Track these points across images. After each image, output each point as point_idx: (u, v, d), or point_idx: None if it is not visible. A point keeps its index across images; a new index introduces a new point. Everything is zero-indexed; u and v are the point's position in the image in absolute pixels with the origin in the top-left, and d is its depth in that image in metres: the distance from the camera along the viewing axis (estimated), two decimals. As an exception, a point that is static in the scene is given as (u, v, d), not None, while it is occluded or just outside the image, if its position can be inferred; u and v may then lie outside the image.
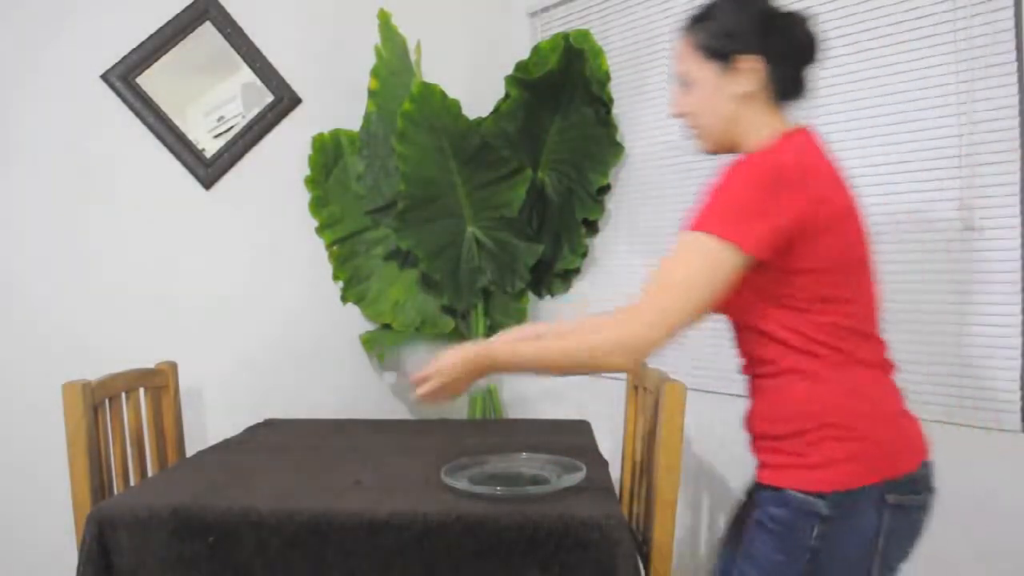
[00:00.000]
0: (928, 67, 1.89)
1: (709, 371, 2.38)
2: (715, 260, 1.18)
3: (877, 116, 1.98)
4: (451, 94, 2.45)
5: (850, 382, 1.23)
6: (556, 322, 1.38)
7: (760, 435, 1.31)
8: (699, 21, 1.32)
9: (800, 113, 2.13)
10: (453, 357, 1.36)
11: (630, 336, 1.22)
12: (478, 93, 2.74)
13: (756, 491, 1.32)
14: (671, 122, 2.48)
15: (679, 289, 1.20)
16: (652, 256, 2.57)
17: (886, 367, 1.30)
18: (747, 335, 1.31)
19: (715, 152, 1.38)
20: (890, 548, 1.21)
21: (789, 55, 1.30)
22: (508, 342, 1.40)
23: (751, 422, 1.34)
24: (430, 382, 1.37)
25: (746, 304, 1.27)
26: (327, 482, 1.57)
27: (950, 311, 1.87)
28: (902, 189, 1.95)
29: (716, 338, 2.31)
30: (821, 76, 2.08)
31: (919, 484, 1.24)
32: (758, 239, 1.17)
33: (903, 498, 1.21)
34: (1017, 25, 1.74)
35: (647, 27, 2.55)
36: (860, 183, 2.01)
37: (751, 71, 1.28)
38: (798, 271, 1.21)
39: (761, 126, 1.31)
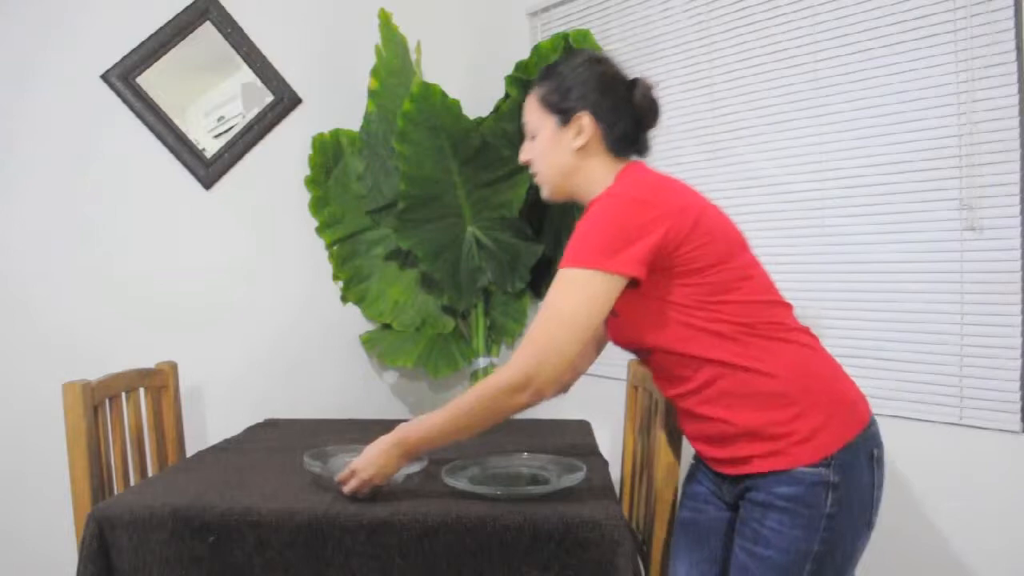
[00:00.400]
0: (928, 67, 1.89)
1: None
2: (593, 290, 1.27)
3: (877, 116, 1.98)
4: (451, 94, 2.45)
5: (795, 357, 1.30)
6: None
7: (730, 437, 1.33)
8: (545, 77, 1.43)
9: (800, 115, 2.14)
10: (370, 452, 1.42)
11: (520, 373, 1.29)
12: (478, 93, 2.74)
13: (731, 485, 1.38)
14: (668, 123, 2.48)
15: (565, 322, 1.27)
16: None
17: (803, 329, 1.36)
18: (677, 360, 1.34)
19: (554, 199, 1.48)
20: (878, 500, 1.29)
21: (623, 116, 1.40)
22: (417, 421, 1.42)
23: (714, 433, 1.36)
24: (354, 479, 1.43)
25: (674, 336, 1.32)
26: (328, 481, 1.56)
27: (950, 311, 1.87)
28: (902, 189, 1.95)
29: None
30: (820, 76, 2.08)
31: (879, 437, 1.32)
32: (629, 261, 1.25)
33: (879, 451, 1.30)
34: (1017, 25, 1.74)
35: (647, 27, 2.55)
36: (860, 184, 2.02)
37: (585, 127, 1.38)
38: (691, 273, 1.29)
39: (597, 177, 1.40)
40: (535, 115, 1.44)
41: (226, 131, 2.61)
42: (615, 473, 1.98)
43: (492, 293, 2.80)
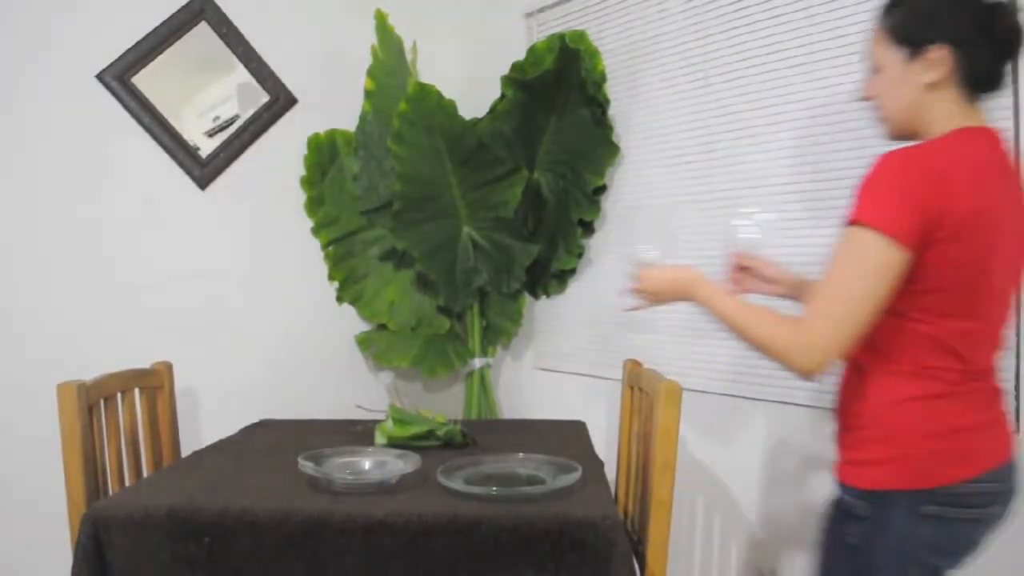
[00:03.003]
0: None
1: (705, 372, 2.38)
2: (885, 257, 1.17)
3: (874, 117, 1.98)
4: (447, 94, 2.46)
5: (910, 392, 1.24)
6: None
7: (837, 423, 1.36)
8: (893, 5, 1.30)
9: (798, 115, 2.14)
10: (663, 272, 1.49)
11: (822, 341, 1.20)
12: (474, 93, 2.74)
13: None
14: (668, 123, 2.49)
15: (860, 295, 1.19)
16: (649, 256, 2.57)
17: (976, 388, 1.27)
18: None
19: (897, 138, 1.34)
20: (928, 556, 1.23)
21: (985, 46, 1.24)
22: (717, 289, 1.39)
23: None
24: (640, 286, 1.52)
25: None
26: (323, 482, 1.57)
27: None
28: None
29: (713, 339, 2.32)
30: (819, 76, 2.09)
31: (966, 499, 1.22)
32: (908, 231, 1.16)
33: (943, 510, 1.21)
34: (1011, 27, 1.74)
35: (644, 28, 2.55)
36: (856, 184, 2.02)
37: (939, 61, 1.24)
38: (919, 280, 1.20)
39: (946, 118, 1.26)
40: (880, 48, 1.31)
41: (221, 131, 2.61)
42: (611, 473, 1.98)
43: (488, 294, 2.80)
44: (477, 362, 2.80)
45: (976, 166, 1.21)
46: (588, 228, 2.75)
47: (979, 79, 1.26)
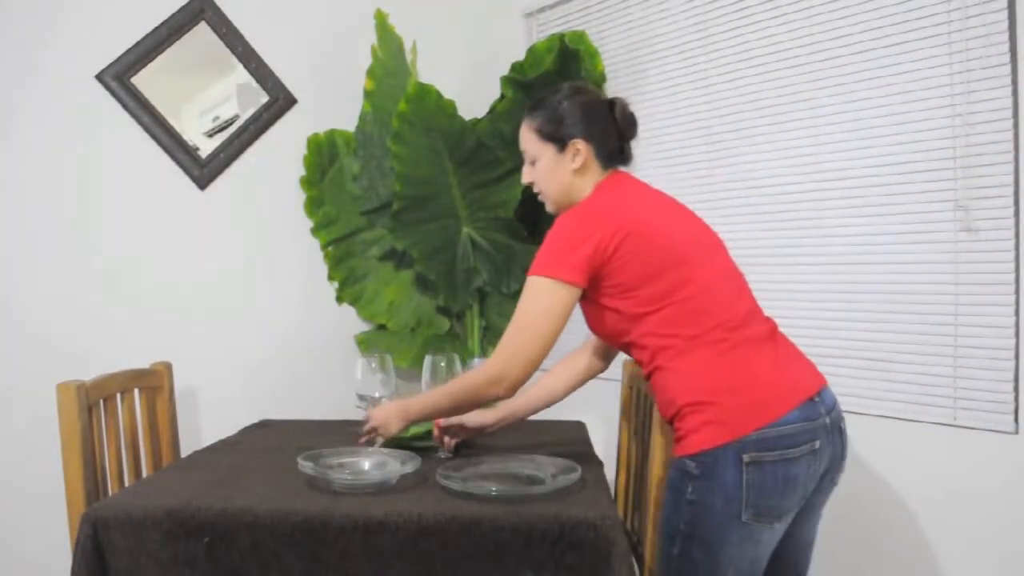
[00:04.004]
0: (924, 68, 1.90)
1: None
2: (549, 298, 1.49)
3: (874, 117, 1.99)
4: (447, 94, 2.45)
5: (697, 364, 1.44)
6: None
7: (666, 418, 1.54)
8: (536, 109, 1.61)
9: (799, 115, 2.14)
10: (381, 409, 1.69)
11: (495, 371, 1.53)
12: (474, 93, 2.74)
13: None
14: (667, 123, 2.49)
15: (525, 327, 1.52)
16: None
17: (742, 337, 1.46)
18: (628, 349, 1.57)
19: (558, 211, 1.62)
20: (755, 498, 1.37)
21: (611, 133, 1.58)
22: (420, 396, 1.70)
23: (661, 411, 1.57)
24: (366, 426, 1.70)
25: (614, 328, 1.54)
26: (322, 483, 1.56)
27: (945, 312, 1.88)
28: (898, 190, 1.95)
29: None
30: (819, 76, 2.09)
31: (776, 441, 1.37)
32: (572, 269, 1.47)
33: (759, 455, 1.37)
34: (1011, 27, 1.74)
35: (643, 28, 2.55)
36: (857, 184, 2.02)
37: (580, 151, 1.56)
38: (620, 286, 1.48)
39: (588, 188, 1.58)
40: (533, 144, 1.61)
41: (221, 131, 2.61)
42: (610, 474, 1.98)
43: (487, 294, 2.80)
44: (476, 362, 2.78)
45: (620, 200, 1.53)
46: (588, 228, 2.75)
47: (613, 157, 1.60)
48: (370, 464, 1.70)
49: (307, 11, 2.76)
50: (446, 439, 1.82)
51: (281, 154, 2.71)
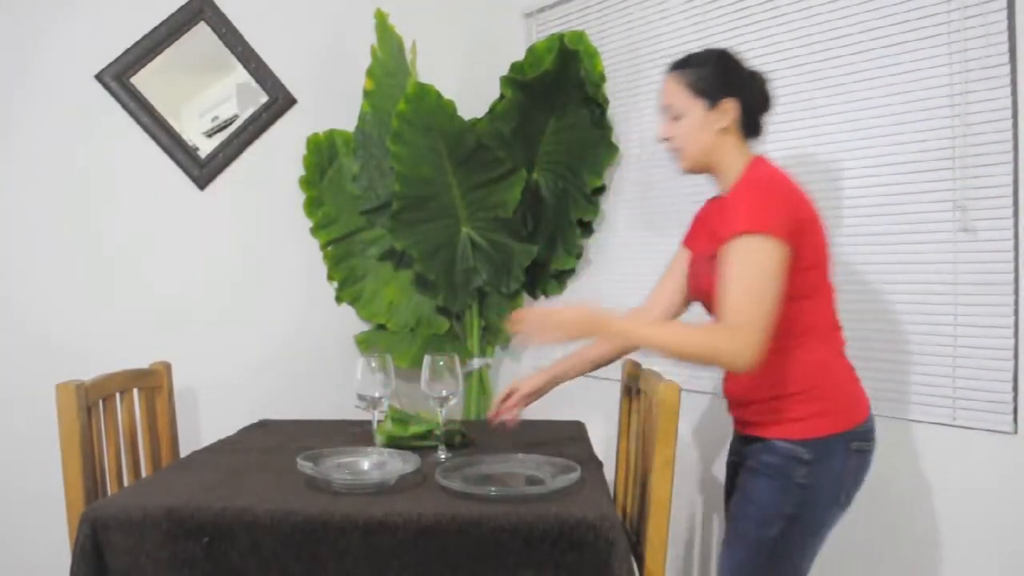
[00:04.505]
0: (923, 68, 1.90)
1: (703, 372, 2.38)
2: (775, 257, 1.45)
3: (873, 117, 1.99)
4: (446, 94, 2.45)
5: (817, 356, 1.55)
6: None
7: (744, 400, 1.63)
8: (690, 65, 1.62)
9: (799, 115, 2.14)
10: (569, 308, 1.59)
11: (744, 345, 1.42)
12: (473, 93, 2.74)
13: (743, 445, 1.65)
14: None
15: (761, 295, 1.44)
16: (646, 257, 2.57)
17: (842, 348, 1.62)
18: None
19: (691, 171, 1.68)
20: (851, 484, 1.54)
21: (755, 103, 1.63)
22: (625, 316, 1.64)
23: (737, 389, 1.65)
24: (539, 315, 1.61)
25: None
26: (321, 483, 1.56)
27: (943, 312, 1.88)
28: (897, 191, 1.95)
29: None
30: (819, 76, 2.09)
31: (868, 434, 1.56)
32: (784, 229, 1.45)
33: (862, 444, 1.54)
34: (1010, 27, 1.75)
35: (643, 28, 2.55)
36: (855, 184, 2.02)
37: (729, 110, 1.59)
38: (797, 267, 1.49)
39: (732, 156, 1.62)
40: (682, 98, 1.61)
41: (220, 131, 2.61)
42: (609, 474, 1.98)
43: (487, 294, 2.80)
44: (476, 362, 2.80)
45: (791, 183, 1.56)
46: (587, 228, 2.76)
47: (751, 127, 1.64)
48: (370, 464, 1.70)
49: (307, 11, 2.76)
50: (507, 417, 1.90)
51: (281, 154, 2.71)
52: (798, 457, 1.50)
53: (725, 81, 1.59)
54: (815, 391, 1.53)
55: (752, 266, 1.44)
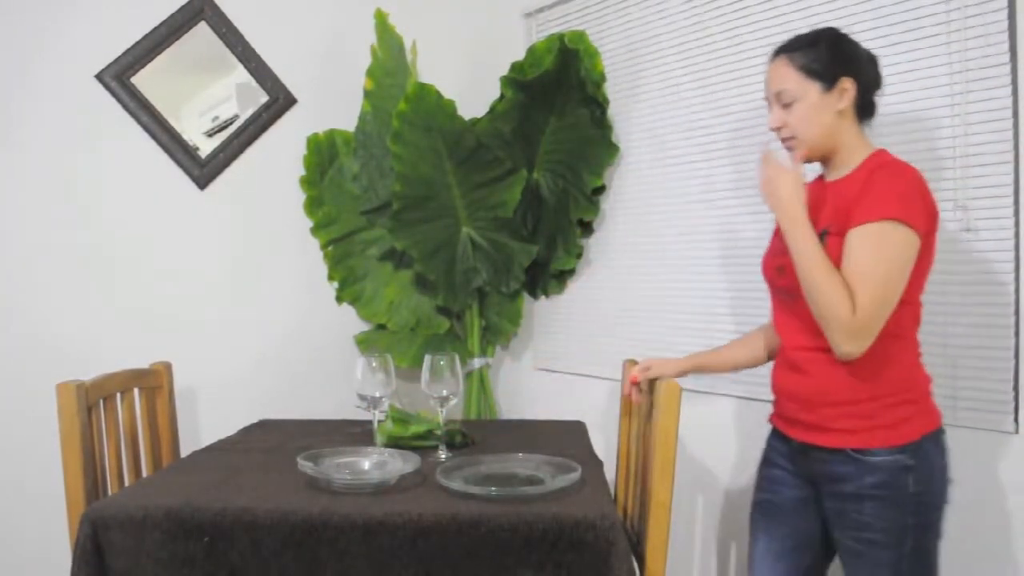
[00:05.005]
0: (924, 68, 1.90)
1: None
2: (908, 248, 1.41)
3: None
4: (446, 94, 2.45)
5: (912, 360, 1.53)
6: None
7: (824, 401, 1.52)
8: (801, 47, 1.55)
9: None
10: (791, 174, 1.52)
11: (861, 326, 1.40)
12: (473, 93, 2.74)
13: (818, 456, 1.54)
14: (666, 123, 2.49)
15: (887, 282, 1.40)
16: (647, 257, 2.57)
17: (920, 351, 1.57)
18: None
19: (810, 159, 1.58)
20: (948, 479, 1.51)
21: (870, 81, 1.55)
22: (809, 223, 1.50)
23: (813, 389, 1.54)
24: (771, 167, 1.55)
25: None
26: (322, 483, 1.57)
27: (945, 312, 1.88)
28: (896, 190, 1.95)
29: (710, 339, 2.32)
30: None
31: (944, 434, 1.53)
32: (919, 220, 1.41)
33: (945, 441, 1.52)
34: (1011, 27, 1.74)
35: (643, 28, 2.55)
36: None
37: (848, 91, 1.52)
38: (916, 269, 1.45)
39: (853, 141, 1.55)
40: (794, 82, 1.53)
41: (221, 131, 2.61)
42: (610, 474, 1.98)
43: (487, 294, 2.80)
44: (476, 362, 2.79)
45: None
46: (587, 228, 2.75)
47: (865, 108, 1.56)
48: (370, 464, 1.70)
49: (307, 11, 2.76)
50: (635, 394, 1.86)
51: (281, 154, 2.71)
52: (903, 465, 1.45)
53: (840, 60, 1.52)
54: (907, 394, 1.49)
55: (892, 251, 1.40)
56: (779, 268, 1.60)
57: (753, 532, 1.71)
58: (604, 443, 2.37)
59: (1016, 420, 1.77)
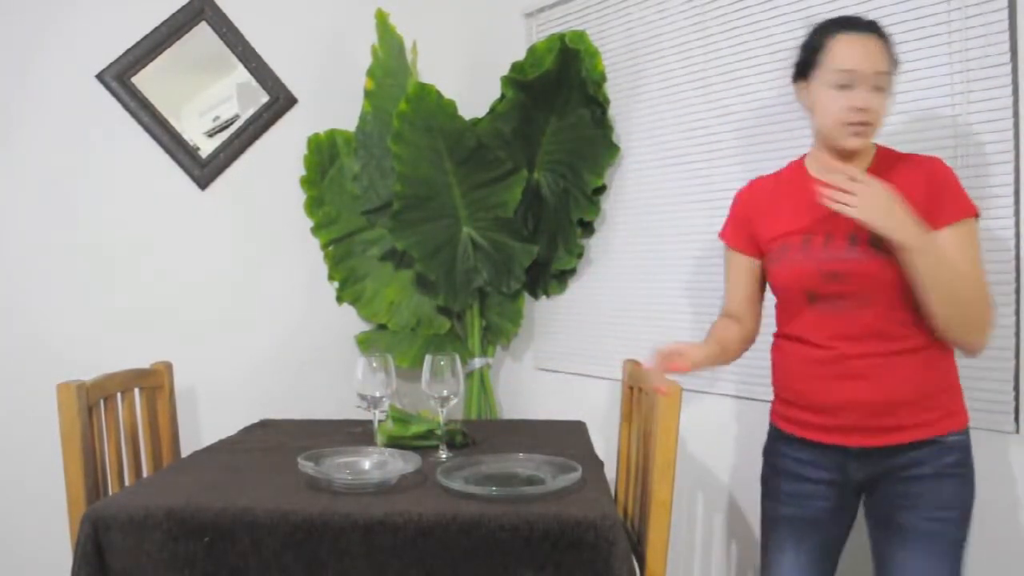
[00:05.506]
0: (924, 68, 1.90)
1: (704, 372, 2.37)
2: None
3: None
4: (447, 94, 2.45)
5: (951, 355, 1.55)
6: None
7: (904, 400, 1.50)
8: (887, 37, 1.51)
9: (799, 114, 2.14)
10: (891, 193, 1.41)
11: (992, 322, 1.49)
12: (474, 93, 2.74)
13: (890, 457, 1.52)
14: (667, 123, 2.49)
15: (983, 277, 1.48)
16: (647, 257, 2.57)
17: None
18: (895, 314, 1.50)
19: (863, 147, 1.54)
20: None
21: None
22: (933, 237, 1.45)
23: (885, 391, 1.50)
24: (852, 182, 1.41)
25: (910, 292, 1.46)
26: (322, 482, 1.57)
27: (944, 312, 1.88)
28: (897, 190, 1.95)
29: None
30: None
31: None
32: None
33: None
34: (1011, 27, 1.74)
35: (643, 28, 2.55)
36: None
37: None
38: None
39: None
40: (888, 67, 1.49)
41: (221, 131, 2.61)
42: (610, 474, 1.98)
43: (487, 294, 2.80)
44: (477, 362, 2.80)
45: None
46: (588, 228, 2.75)
47: None
48: (370, 464, 1.70)
49: (307, 11, 2.76)
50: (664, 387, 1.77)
51: (281, 154, 2.71)
52: (967, 445, 1.52)
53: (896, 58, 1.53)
54: (958, 381, 1.56)
55: (976, 250, 1.48)
56: (832, 274, 1.51)
57: (778, 546, 1.67)
58: (604, 443, 2.37)
59: (1016, 420, 1.77)
